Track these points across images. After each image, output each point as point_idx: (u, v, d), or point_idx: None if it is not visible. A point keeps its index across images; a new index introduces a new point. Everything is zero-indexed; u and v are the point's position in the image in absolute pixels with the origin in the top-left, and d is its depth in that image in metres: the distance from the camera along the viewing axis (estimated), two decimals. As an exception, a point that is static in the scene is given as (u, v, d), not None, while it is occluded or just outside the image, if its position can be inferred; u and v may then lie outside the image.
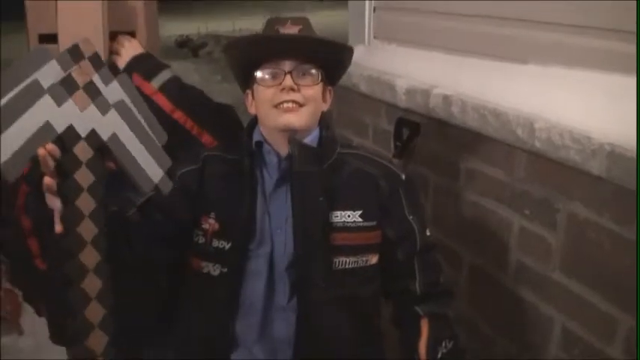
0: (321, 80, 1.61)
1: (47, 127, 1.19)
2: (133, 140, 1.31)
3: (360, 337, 1.65)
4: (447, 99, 2.33)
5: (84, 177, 1.25)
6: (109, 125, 1.27)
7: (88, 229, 1.26)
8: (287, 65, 1.57)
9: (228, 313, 1.59)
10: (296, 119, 1.56)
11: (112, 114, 1.28)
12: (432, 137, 2.50)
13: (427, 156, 2.56)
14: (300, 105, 1.56)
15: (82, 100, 1.23)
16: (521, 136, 1.96)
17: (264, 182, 1.62)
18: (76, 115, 1.22)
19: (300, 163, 1.57)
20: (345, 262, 1.58)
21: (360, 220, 1.59)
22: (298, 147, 1.58)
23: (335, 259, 1.57)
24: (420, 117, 2.55)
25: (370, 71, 2.99)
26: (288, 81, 1.55)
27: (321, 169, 1.60)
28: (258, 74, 1.59)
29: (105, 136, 1.27)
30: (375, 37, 3.25)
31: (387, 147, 2.80)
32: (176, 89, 1.91)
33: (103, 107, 1.26)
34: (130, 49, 1.93)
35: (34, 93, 1.17)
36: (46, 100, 1.18)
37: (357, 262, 1.60)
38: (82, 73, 1.24)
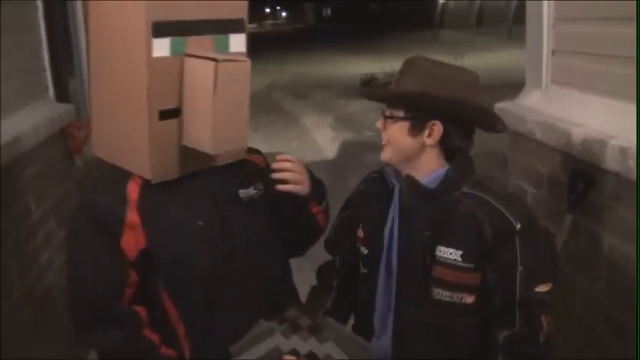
0: (407, 121, 1.75)
1: (276, 349, 1.57)
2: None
3: None
4: (624, 151, 2.15)
5: None
6: (325, 349, 1.57)
7: None
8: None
9: (366, 307, 1.88)
10: (383, 155, 1.82)
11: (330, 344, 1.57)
12: (608, 192, 2.31)
13: (602, 213, 2.37)
14: (385, 143, 1.80)
15: (305, 336, 1.57)
16: None
17: (394, 206, 1.84)
18: (299, 343, 1.57)
19: (409, 198, 1.78)
20: (441, 294, 1.72)
21: (459, 259, 1.70)
22: (409, 183, 1.78)
23: (433, 289, 1.72)
24: (595, 169, 2.38)
25: (546, 118, 2.86)
26: (378, 122, 1.82)
27: (429, 206, 1.74)
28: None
29: (320, 353, 1.55)
30: (552, 82, 3.10)
31: (562, 199, 2.64)
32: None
33: (322, 339, 1.56)
34: (301, 170, 1.93)
35: (268, 334, 1.60)
36: (278, 336, 1.59)
37: (452, 297, 1.72)
38: (304, 318, 1.60)
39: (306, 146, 9.77)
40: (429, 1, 39.06)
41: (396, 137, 1.77)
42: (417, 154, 1.77)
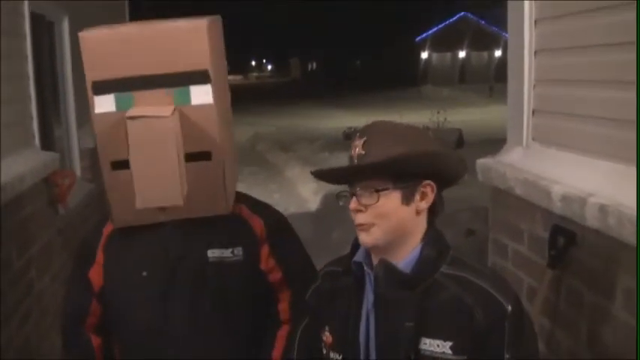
0: (398, 190, 1.52)
1: None
2: None
3: None
4: (603, 209, 2.19)
5: None
6: None
7: None
8: (355, 186, 1.55)
9: None
10: (368, 239, 1.54)
11: None
12: (587, 249, 2.35)
13: (582, 269, 2.40)
14: (371, 224, 1.52)
15: None
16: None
17: (367, 296, 1.59)
18: None
19: (385, 287, 1.53)
20: None
21: (449, 352, 1.48)
22: (384, 270, 1.54)
23: None
24: (576, 226, 2.41)
25: (526, 174, 2.90)
26: (352, 204, 1.54)
27: (409, 293, 1.52)
28: (341, 197, 1.60)
29: None
30: (533, 139, 3.16)
31: (542, 255, 2.67)
32: None
33: None
34: None
35: None
36: None
37: None
38: None
39: (289, 198, 9.80)
40: (413, 58, 39.69)
41: (390, 211, 1.51)
42: (408, 227, 1.55)
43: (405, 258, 1.55)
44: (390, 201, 1.51)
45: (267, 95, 35.01)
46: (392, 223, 1.52)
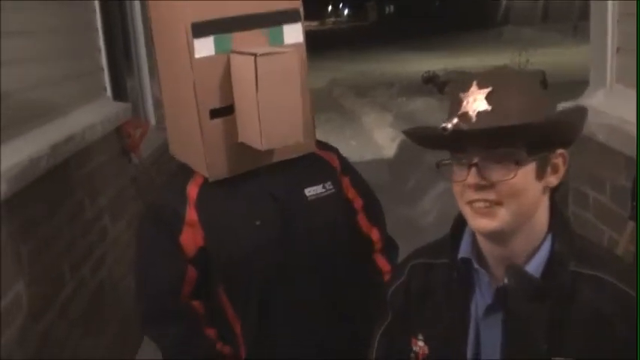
0: (532, 159, 1.20)
1: None
2: None
3: None
4: (693, 157, 2.02)
5: None
6: None
7: None
8: (473, 154, 1.20)
9: None
10: (493, 224, 1.20)
11: None
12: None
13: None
14: (497, 203, 1.20)
15: None
16: None
17: (476, 302, 1.32)
18: None
19: (518, 300, 1.24)
20: None
21: None
22: (516, 278, 1.24)
23: None
24: (662, 175, 2.25)
25: (610, 119, 2.73)
26: (472, 178, 1.19)
27: (543, 307, 1.22)
28: (443, 167, 1.26)
29: None
30: (617, 81, 2.96)
31: (625, 206, 2.52)
32: None
33: None
34: None
35: None
36: None
37: None
38: None
39: (365, 145, 9.71)
40: (494, -3, 38.41)
41: (523, 188, 1.19)
42: (535, 209, 1.23)
43: (531, 255, 1.25)
44: (525, 175, 1.19)
45: (343, 40, 34.59)
46: (522, 203, 1.20)
